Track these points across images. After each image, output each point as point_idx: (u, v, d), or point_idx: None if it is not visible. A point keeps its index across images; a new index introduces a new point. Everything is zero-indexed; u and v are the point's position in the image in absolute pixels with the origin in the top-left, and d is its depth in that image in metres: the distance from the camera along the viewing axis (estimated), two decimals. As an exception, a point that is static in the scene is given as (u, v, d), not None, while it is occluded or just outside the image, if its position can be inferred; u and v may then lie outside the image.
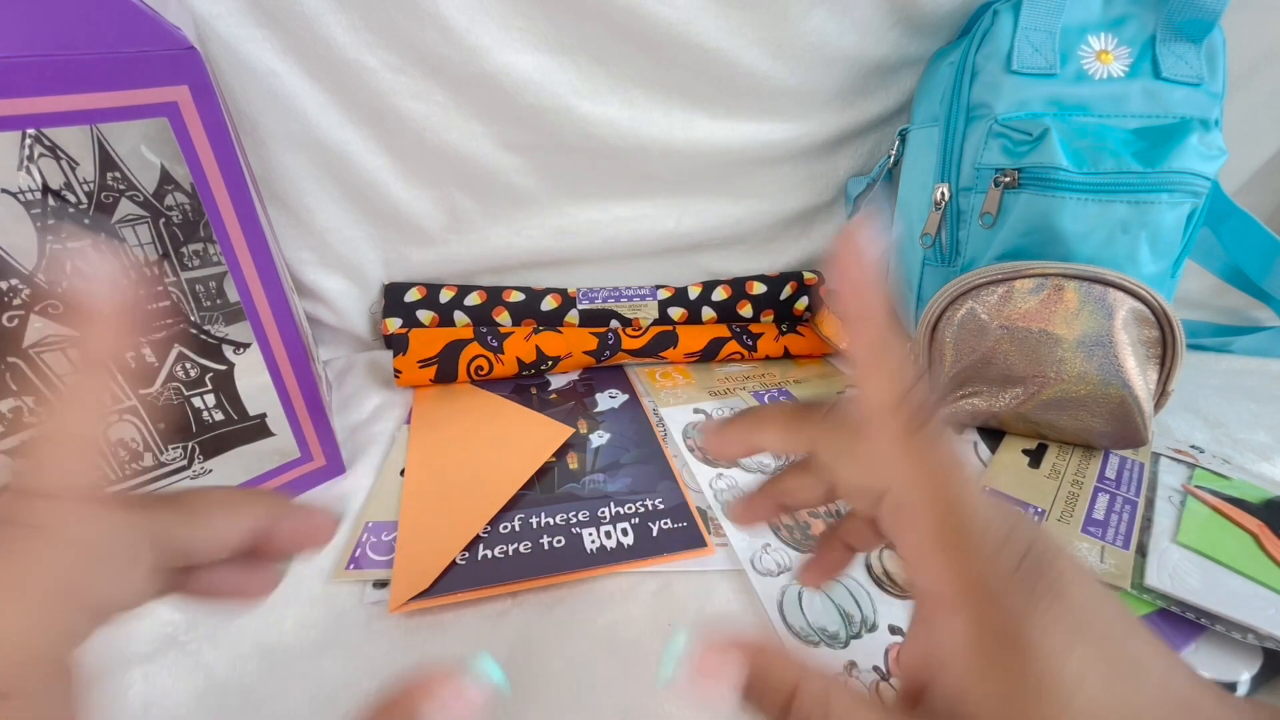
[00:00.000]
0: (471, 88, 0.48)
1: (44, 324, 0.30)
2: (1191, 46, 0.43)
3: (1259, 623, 0.30)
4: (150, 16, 0.28)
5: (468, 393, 0.53)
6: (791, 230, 0.64)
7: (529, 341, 0.54)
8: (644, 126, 0.52)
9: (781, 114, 0.55)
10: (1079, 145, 0.41)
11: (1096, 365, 0.40)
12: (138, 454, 0.35)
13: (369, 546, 0.38)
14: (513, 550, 0.37)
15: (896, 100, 0.58)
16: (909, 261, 0.53)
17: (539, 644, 0.33)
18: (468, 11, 0.45)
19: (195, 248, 0.33)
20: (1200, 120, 0.42)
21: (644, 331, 0.57)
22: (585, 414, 0.51)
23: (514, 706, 0.30)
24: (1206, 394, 0.52)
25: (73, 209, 0.29)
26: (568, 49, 0.49)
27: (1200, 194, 0.40)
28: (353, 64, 0.46)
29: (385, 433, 0.48)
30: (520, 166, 0.53)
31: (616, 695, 0.30)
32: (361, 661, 0.32)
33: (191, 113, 0.30)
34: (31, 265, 0.29)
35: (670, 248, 0.61)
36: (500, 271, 0.59)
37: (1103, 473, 0.42)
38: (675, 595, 0.35)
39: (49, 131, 0.28)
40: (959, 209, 0.47)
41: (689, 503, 0.41)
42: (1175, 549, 0.36)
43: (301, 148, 0.49)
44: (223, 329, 0.35)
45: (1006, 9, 0.45)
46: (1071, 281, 0.40)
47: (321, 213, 0.52)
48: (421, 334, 0.53)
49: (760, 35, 0.50)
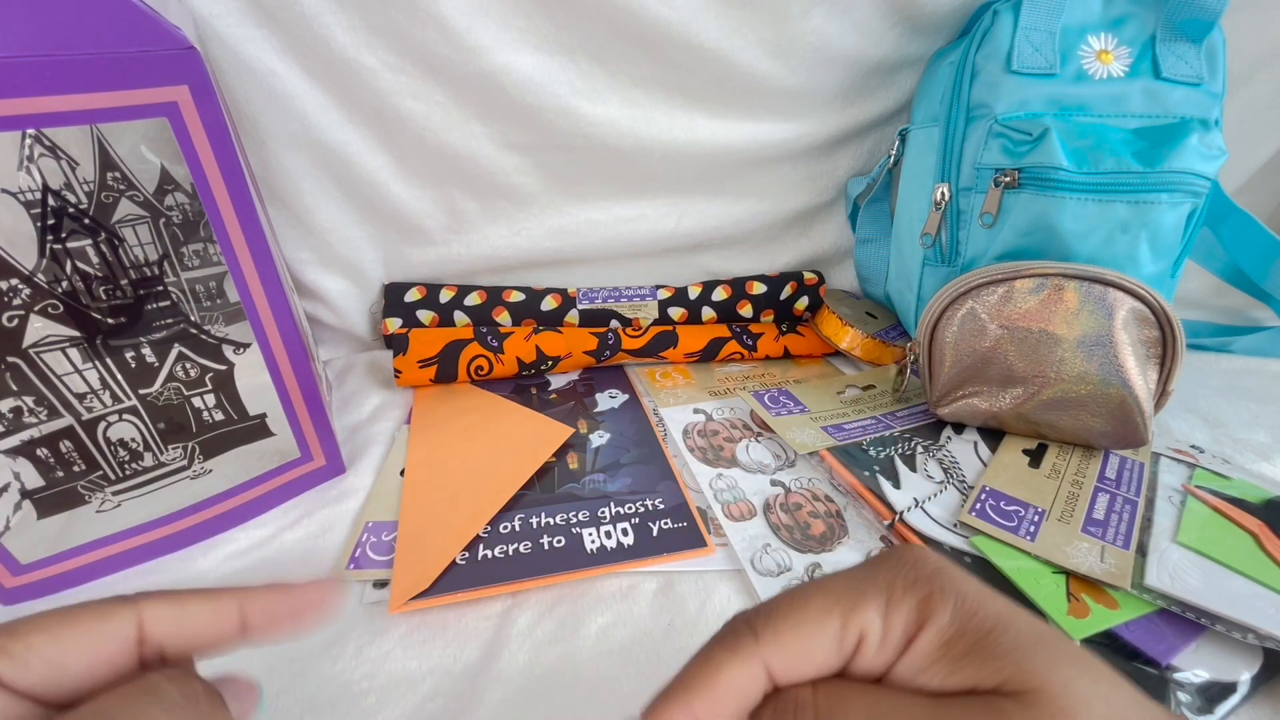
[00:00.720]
0: (471, 88, 0.48)
1: (44, 324, 0.30)
2: (1191, 46, 0.43)
3: (1259, 623, 0.30)
4: (150, 16, 0.28)
5: (468, 393, 0.53)
6: (791, 230, 0.64)
7: (529, 341, 0.54)
8: (644, 126, 0.52)
9: (781, 114, 0.55)
10: (1079, 145, 0.41)
11: (1096, 365, 0.40)
12: (138, 454, 0.35)
13: (369, 546, 0.38)
14: (513, 550, 0.37)
15: (896, 100, 0.58)
16: (909, 261, 0.53)
17: (539, 644, 0.33)
18: (468, 11, 0.45)
19: (195, 248, 0.33)
20: (1200, 120, 0.42)
21: (644, 331, 0.57)
22: (585, 414, 0.51)
23: (514, 707, 0.30)
24: (1206, 394, 0.52)
25: (73, 209, 0.29)
26: (568, 49, 0.49)
27: (1200, 194, 0.40)
28: (353, 64, 0.46)
29: (385, 433, 0.48)
30: (520, 166, 0.53)
31: (617, 695, 0.30)
32: (361, 662, 0.32)
33: (191, 113, 0.30)
34: (31, 265, 0.29)
35: (670, 248, 0.61)
36: (500, 271, 0.59)
37: (1103, 473, 0.42)
38: (675, 595, 0.35)
39: (49, 131, 0.28)
40: (959, 209, 0.47)
41: (689, 503, 0.41)
42: (1175, 549, 0.36)
43: (301, 148, 0.49)
44: (223, 329, 0.35)
45: (1006, 9, 0.45)
46: (1071, 281, 0.40)
47: (321, 213, 0.52)
48: (421, 334, 0.53)
49: (760, 35, 0.50)
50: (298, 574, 0.36)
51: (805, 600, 0.17)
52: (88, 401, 0.33)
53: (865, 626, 0.17)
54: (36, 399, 0.31)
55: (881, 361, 0.58)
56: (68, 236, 0.29)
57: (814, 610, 0.17)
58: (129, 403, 0.34)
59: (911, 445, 0.46)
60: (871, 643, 0.17)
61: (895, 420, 0.49)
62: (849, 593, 0.17)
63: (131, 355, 0.33)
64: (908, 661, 0.17)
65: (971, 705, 0.15)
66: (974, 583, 0.17)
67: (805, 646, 0.17)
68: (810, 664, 0.17)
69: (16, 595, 0.34)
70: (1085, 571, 0.34)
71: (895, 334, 0.59)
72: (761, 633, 0.17)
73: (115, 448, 0.34)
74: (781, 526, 0.40)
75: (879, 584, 0.17)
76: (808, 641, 0.17)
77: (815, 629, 0.17)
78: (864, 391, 0.53)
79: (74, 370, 0.32)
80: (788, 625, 0.17)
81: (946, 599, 0.16)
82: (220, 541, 0.39)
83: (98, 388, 0.33)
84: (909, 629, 0.16)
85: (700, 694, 0.17)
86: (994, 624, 0.16)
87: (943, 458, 0.45)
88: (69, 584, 0.35)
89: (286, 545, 0.38)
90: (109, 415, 0.33)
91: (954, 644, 0.16)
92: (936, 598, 0.16)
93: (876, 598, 0.17)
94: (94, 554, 0.35)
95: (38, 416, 0.31)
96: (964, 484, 0.42)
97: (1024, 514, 0.38)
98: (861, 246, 0.64)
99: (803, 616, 0.17)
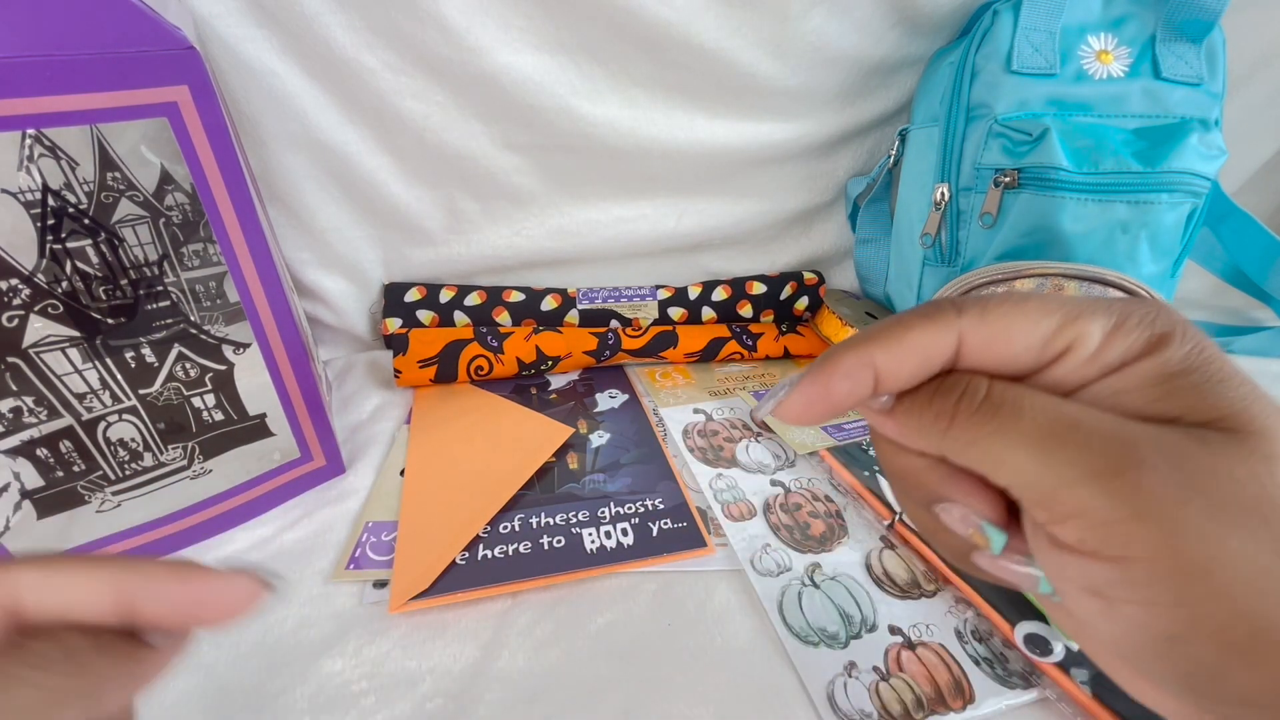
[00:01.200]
0: (471, 88, 0.48)
1: (44, 324, 0.30)
2: (1191, 46, 0.43)
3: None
4: (150, 16, 0.28)
5: (468, 393, 0.53)
6: (791, 230, 0.64)
7: (529, 341, 0.54)
8: (644, 126, 0.52)
9: (781, 114, 0.55)
10: (1079, 145, 0.41)
11: (1096, 365, 0.40)
12: (138, 454, 0.35)
13: (369, 546, 0.38)
14: (513, 550, 0.37)
15: (896, 100, 0.58)
16: (909, 261, 0.53)
17: (539, 644, 0.33)
18: (468, 11, 0.45)
19: (195, 248, 0.33)
20: (1200, 120, 0.42)
21: (644, 331, 0.57)
22: (585, 414, 0.51)
23: (514, 707, 0.30)
24: (1206, 394, 0.52)
25: (73, 209, 0.29)
26: (568, 49, 0.49)
27: (1200, 194, 0.40)
28: (353, 64, 0.46)
29: (385, 433, 0.48)
30: (520, 166, 0.53)
31: (617, 695, 0.30)
32: (361, 662, 0.32)
33: (191, 113, 0.30)
34: (31, 265, 0.29)
35: (670, 248, 0.61)
36: (500, 271, 0.59)
37: (1103, 473, 0.42)
38: (675, 595, 0.35)
39: (49, 131, 0.28)
40: (959, 209, 0.47)
41: (689, 503, 0.41)
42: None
43: (301, 148, 0.49)
44: (223, 329, 0.35)
45: (1006, 9, 0.45)
46: (1071, 281, 0.40)
47: (321, 213, 0.52)
48: (421, 334, 0.53)
49: (760, 35, 0.50)
50: (297, 574, 0.36)
51: (1025, 298, 0.16)
52: (88, 401, 0.33)
53: (1080, 336, 0.16)
54: (36, 399, 0.31)
55: (881, 361, 0.58)
56: (68, 236, 0.29)
57: (1032, 307, 0.16)
58: (129, 403, 0.34)
59: (911, 445, 0.46)
60: (1081, 354, 0.16)
61: (895, 420, 0.49)
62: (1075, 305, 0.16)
63: (131, 355, 0.33)
64: (1112, 382, 0.16)
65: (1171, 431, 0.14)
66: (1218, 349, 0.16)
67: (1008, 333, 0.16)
68: (1006, 351, 0.16)
69: (16, 595, 0.34)
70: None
71: (895, 334, 0.59)
72: (966, 311, 0.16)
73: (115, 448, 0.34)
74: (781, 526, 0.40)
75: (1113, 308, 0.16)
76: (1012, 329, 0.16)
77: (1026, 321, 0.16)
78: (864, 391, 0.53)
79: (74, 370, 0.32)
80: (997, 311, 0.16)
81: (1186, 341, 0.15)
82: (220, 541, 0.39)
83: (97, 388, 0.33)
84: (1130, 353, 0.15)
85: (882, 345, 0.16)
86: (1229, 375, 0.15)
87: (943, 458, 0.45)
88: (69, 584, 0.35)
89: (286, 545, 0.38)
90: (109, 415, 0.33)
91: (1178, 377, 0.15)
92: (1176, 336, 0.15)
93: (1106, 316, 0.16)
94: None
95: (38, 416, 0.31)
96: (964, 484, 0.42)
97: (1024, 514, 0.38)
98: (861, 246, 0.64)
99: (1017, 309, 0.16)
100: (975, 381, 0.16)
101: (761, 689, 0.30)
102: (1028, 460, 0.15)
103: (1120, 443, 0.14)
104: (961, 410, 0.16)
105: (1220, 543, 0.13)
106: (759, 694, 0.30)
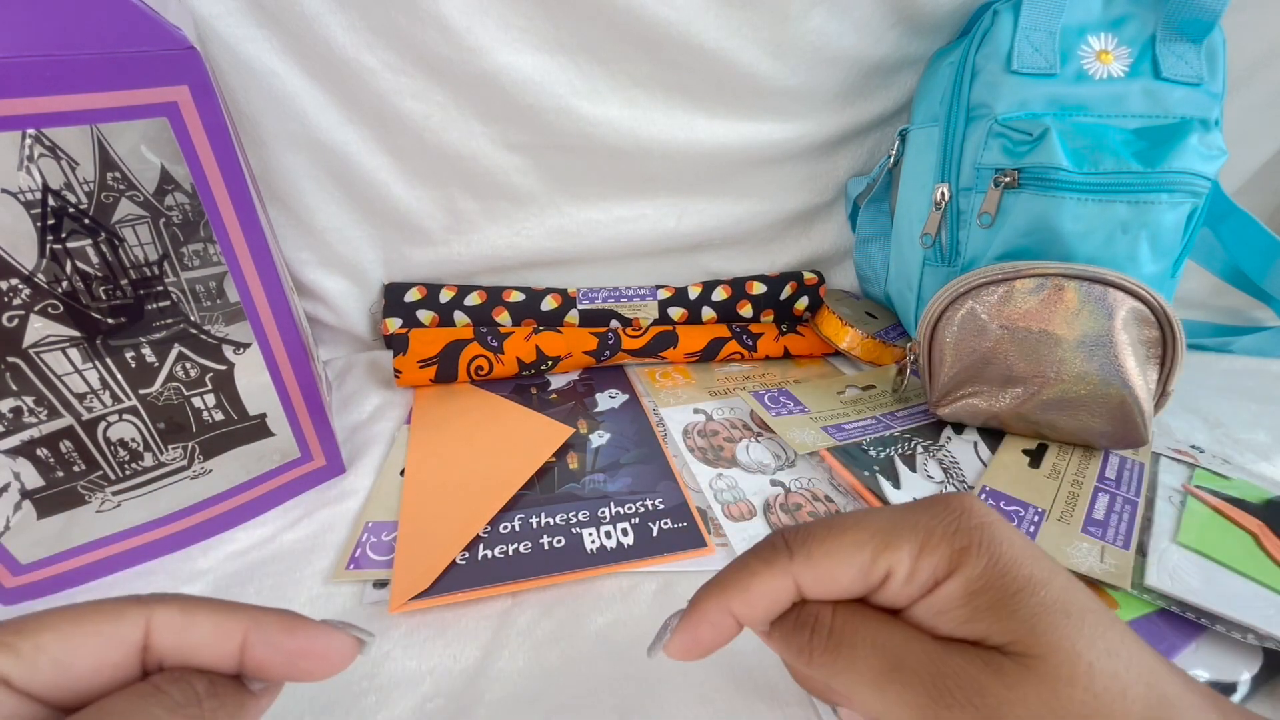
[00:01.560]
0: (471, 88, 0.48)
1: (44, 324, 0.30)
2: (1191, 46, 0.43)
3: (1259, 623, 0.30)
4: (150, 16, 0.28)
5: (468, 393, 0.53)
6: (791, 230, 0.64)
7: (529, 341, 0.54)
8: (644, 126, 0.52)
9: (781, 114, 0.55)
10: (1079, 145, 0.41)
11: (1096, 365, 0.40)
12: (138, 454, 0.35)
13: (369, 546, 0.38)
14: (513, 550, 0.37)
15: (896, 100, 0.58)
16: (909, 261, 0.53)
17: (539, 644, 0.33)
18: (468, 11, 0.45)
19: (195, 248, 0.33)
20: (1200, 120, 0.42)
21: (644, 331, 0.57)
22: (585, 414, 0.51)
23: (514, 707, 0.30)
24: (1206, 394, 0.52)
25: (73, 209, 0.29)
26: (568, 49, 0.49)
27: (1200, 194, 0.40)
28: (353, 64, 0.46)
29: (385, 433, 0.48)
30: (520, 166, 0.54)
31: (616, 695, 0.30)
32: (361, 661, 0.32)
33: (191, 113, 0.30)
34: (31, 265, 0.29)
35: (670, 248, 0.61)
36: (500, 271, 0.59)
37: (1103, 473, 0.42)
38: (675, 595, 0.35)
39: (49, 131, 0.28)
40: (959, 209, 0.47)
41: (689, 503, 0.41)
42: (1175, 549, 0.36)
43: (301, 148, 0.49)
44: (223, 329, 0.35)
45: (1006, 9, 0.45)
46: (1071, 281, 0.40)
47: (321, 213, 0.52)
48: (421, 334, 0.53)
49: (760, 35, 0.50)
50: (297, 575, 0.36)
51: (842, 530, 0.18)
52: (88, 401, 0.33)
53: (894, 565, 0.17)
54: (36, 399, 0.31)
55: (881, 362, 0.58)
56: (68, 236, 0.29)
57: (848, 541, 0.18)
58: (129, 403, 0.34)
59: (911, 445, 0.46)
60: (897, 580, 0.17)
61: (895, 420, 0.49)
62: (885, 531, 0.18)
63: (131, 355, 0.33)
64: (929, 602, 0.17)
65: (973, 655, 0.16)
66: (1020, 543, 0.17)
67: (833, 572, 0.18)
68: (836, 587, 0.18)
69: (16, 595, 0.34)
70: (1085, 572, 0.34)
71: (895, 334, 0.59)
72: (796, 552, 0.18)
73: (115, 448, 0.34)
74: (781, 526, 0.40)
75: (918, 528, 0.18)
76: (836, 568, 0.18)
77: (845, 558, 0.18)
78: (864, 392, 0.53)
79: (74, 370, 0.32)
80: (821, 550, 0.18)
81: (982, 554, 0.17)
82: (220, 541, 0.39)
83: (98, 388, 0.33)
84: (937, 574, 0.17)
85: (735, 595, 0.19)
86: (1023, 585, 0.16)
87: (943, 458, 0.45)
88: (69, 584, 0.35)
89: (286, 545, 0.38)
90: (109, 415, 0.33)
91: (977, 596, 0.16)
92: (972, 551, 0.17)
93: (912, 540, 0.17)
94: (94, 554, 0.35)
95: (38, 416, 0.31)
96: (964, 484, 0.42)
97: (1024, 514, 0.38)
98: (861, 246, 0.64)
99: (837, 545, 0.18)
100: (821, 616, 0.18)
101: (761, 689, 0.30)
102: (871, 697, 0.17)
103: (934, 681, 0.16)
104: (815, 646, 0.18)
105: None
106: (759, 694, 0.30)
